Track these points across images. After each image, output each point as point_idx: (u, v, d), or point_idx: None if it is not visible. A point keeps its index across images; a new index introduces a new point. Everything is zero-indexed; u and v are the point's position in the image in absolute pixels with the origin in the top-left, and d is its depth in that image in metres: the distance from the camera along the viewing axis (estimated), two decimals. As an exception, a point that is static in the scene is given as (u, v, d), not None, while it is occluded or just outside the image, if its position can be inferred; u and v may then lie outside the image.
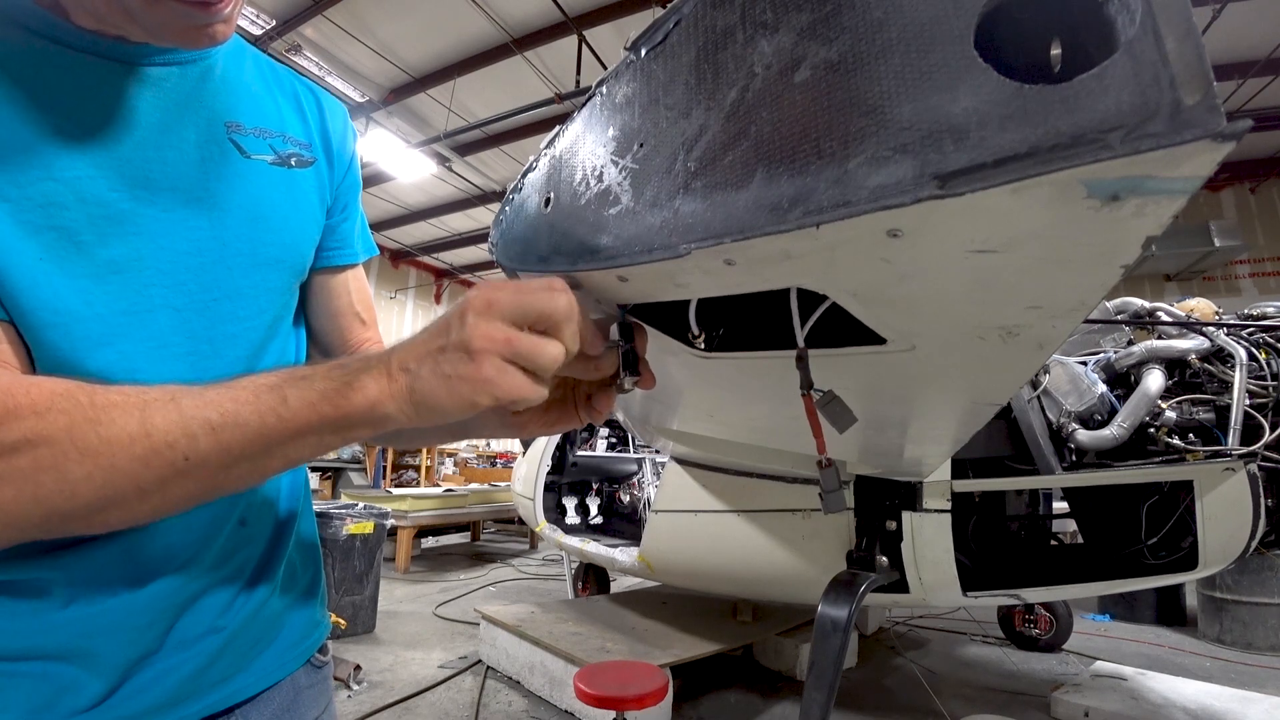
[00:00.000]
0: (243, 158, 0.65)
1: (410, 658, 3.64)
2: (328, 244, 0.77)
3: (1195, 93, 0.26)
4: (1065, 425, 2.33)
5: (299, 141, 0.71)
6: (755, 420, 1.50)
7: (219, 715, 0.63)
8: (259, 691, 0.67)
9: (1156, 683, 3.14)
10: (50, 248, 0.52)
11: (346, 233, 0.80)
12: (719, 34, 0.43)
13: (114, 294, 0.55)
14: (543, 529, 4.32)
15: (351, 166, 0.80)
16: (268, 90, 0.71)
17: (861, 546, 2.19)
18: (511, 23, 7.33)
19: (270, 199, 0.67)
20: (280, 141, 0.69)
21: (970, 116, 0.31)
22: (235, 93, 0.66)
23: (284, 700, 0.70)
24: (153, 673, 0.58)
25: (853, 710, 3.03)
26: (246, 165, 0.65)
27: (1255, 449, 2.08)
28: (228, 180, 0.63)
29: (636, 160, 0.48)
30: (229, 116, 0.65)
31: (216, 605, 0.63)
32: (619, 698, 1.91)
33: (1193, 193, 0.31)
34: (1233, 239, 8.94)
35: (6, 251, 0.50)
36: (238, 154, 0.65)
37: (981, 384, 0.83)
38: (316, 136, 0.74)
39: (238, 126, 0.65)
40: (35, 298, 0.51)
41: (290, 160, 0.70)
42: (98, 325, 0.54)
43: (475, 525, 7.92)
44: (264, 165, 0.67)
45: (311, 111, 0.76)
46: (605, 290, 0.56)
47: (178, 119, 0.60)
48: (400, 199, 11.81)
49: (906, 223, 0.36)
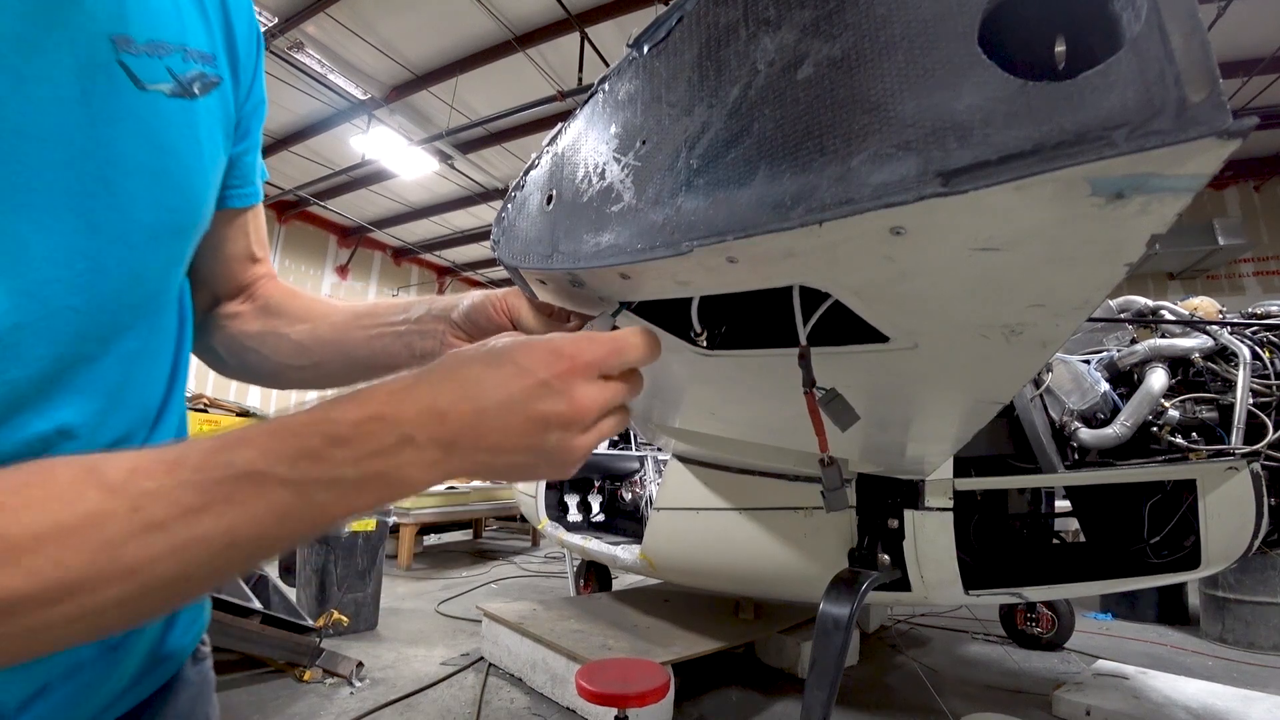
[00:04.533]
0: (136, 90, 0.48)
1: (412, 655, 3.65)
2: (229, 181, 0.64)
3: (1201, 90, 0.26)
4: (1068, 424, 2.32)
5: (201, 54, 0.54)
6: (757, 418, 1.50)
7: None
8: (148, 696, 0.61)
9: (1158, 681, 3.13)
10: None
11: (249, 166, 0.67)
12: (722, 31, 0.42)
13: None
14: (545, 526, 4.33)
15: (257, 77, 0.65)
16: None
17: (863, 544, 2.19)
18: (514, 20, 7.32)
19: (173, 145, 0.51)
20: (180, 60, 0.52)
21: (974, 114, 0.31)
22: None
23: (176, 701, 0.64)
24: (46, 706, 0.49)
25: (854, 708, 3.03)
26: (141, 101, 0.49)
27: (1258, 448, 2.08)
28: (120, 125, 0.47)
29: (639, 158, 0.48)
30: (114, 28, 0.47)
31: None
32: (621, 695, 1.92)
33: (1198, 190, 0.31)
34: (1237, 237, 8.91)
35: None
36: (130, 84, 0.48)
37: (984, 382, 0.82)
38: (220, 41, 0.58)
39: (127, 42, 0.47)
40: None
41: (193, 87, 0.53)
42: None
43: (477, 522, 7.93)
44: (161, 98, 0.50)
45: (213, 1, 0.58)
46: (607, 288, 0.56)
47: (46, 35, 0.42)
48: (402, 196, 11.81)
49: (910, 220, 0.36)
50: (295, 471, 0.36)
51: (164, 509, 0.33)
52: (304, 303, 0.77)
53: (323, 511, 0.37)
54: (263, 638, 3.03)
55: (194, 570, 0.34)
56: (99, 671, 0.54)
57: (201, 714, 0.68)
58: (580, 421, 0.42)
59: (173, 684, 0.64)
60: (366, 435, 0.38)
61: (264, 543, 0.36)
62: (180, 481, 0.34)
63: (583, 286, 0.57)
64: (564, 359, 0.42)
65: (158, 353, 0.58)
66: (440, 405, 0.40)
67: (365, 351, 0.72)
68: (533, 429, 0.41)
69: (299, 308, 0.76)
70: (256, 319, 0.75)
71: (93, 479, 0.33)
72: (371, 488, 0.38)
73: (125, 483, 0.33)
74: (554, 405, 0.41)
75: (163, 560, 0.33)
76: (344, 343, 0.73)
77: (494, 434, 0.40)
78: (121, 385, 0.52)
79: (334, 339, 0.73)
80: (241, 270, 0.74)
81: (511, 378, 0.41)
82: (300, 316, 0.75)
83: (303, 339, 0.73)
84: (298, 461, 0.36)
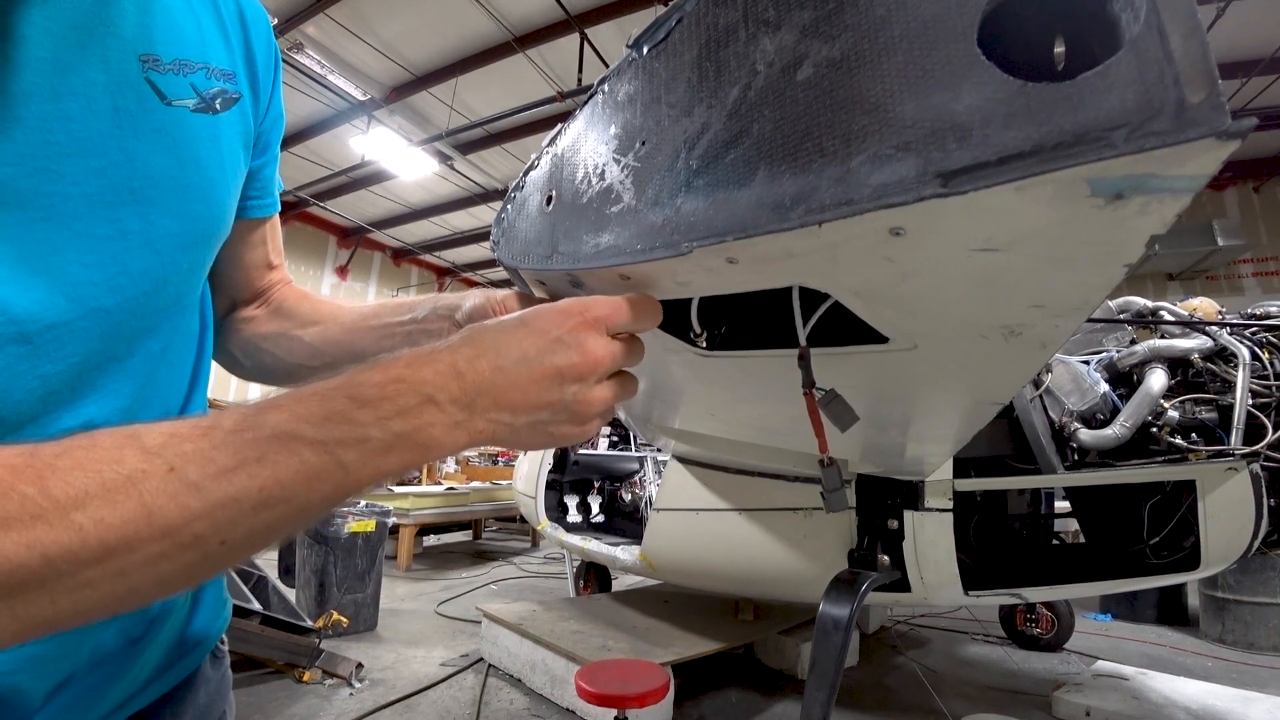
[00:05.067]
0: (163, 106, 0.51)
1: (412, 656, 3.65)
2: (248, 192, 0.67)
3: (1200, 91, 0.26)
4: (1067, 424, 2.32)
5: (223, 72, 0.58)
6: (757, 419, 1.50)
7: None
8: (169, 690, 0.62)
9: (1158, 682, 3.13)
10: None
11: (268, 179, 0.70)
12: (721, 32, 0.42)
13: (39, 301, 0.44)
14: (544, 527, 4.33)
15: (275, 94, 0.68)
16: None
17: (863, 545, 2.19)
18: (513, 21, 7.33)
19: (196, 157, 0.54)
20: (203, 77, 0.55)
21: (973, 114, 0.31)
22: (147, 10, 0.51)
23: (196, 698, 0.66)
24: (69, 696, 0.52)
25: (854, 709, 3.03)
26: (168, 117, 0.52)
27: (1258, 449, 2.08)
28: (148, 138, 0.50)
29: (638, 158, 0.48)
30: (143, 48, 0.50)
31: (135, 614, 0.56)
32: (620, 696, 1.91)
33: (1197, 191, 0.31)
34: (1236, 238, 8.92)
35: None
36: (157, 101, 0.51)
37: (984, 383, 0.82)
38: (240, 60, 0.61)
39: (154, 61, 0.51)
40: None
41: (215, 103, 0.56)
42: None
43: (477, 523, 7.92)
44: (186, 114, 0.53)
45: (233, 23, 0.61)
46: (607, 289, 0.56)
47: (80, 54, 0.46)
48: (402, 197, 11.81)
49: (909, 221, 0.36)
50: (322, 432, 0.37)
51: (198, 469, 0.34)
52: (314, 305, 0.80)
53: (350, 473, 0.38)
54: (262, 638, 3.02)
55: (226, 531, 0.35)
56: (121, 663, 0.55)
57: (218, 711, 0.70)
58: (595, 371, 0.44)
59: (193, 680, 0.66)
60: (390, 397, 0.39)
61: (296, 503, 0.36)
62: (215, 443, 0.35)
63: (582, 287, 0.57)
64: (572, 316, 0.45)
65: (181, 354, 0.60)
66: (459, 366, 0.41)
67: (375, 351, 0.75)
68: (550, 382, 0.43)
69: (309, 310, 0.79)
70: (270, 322, 0.78)
71: (132, 443, 0.34)
72: (398, 449, 0.39)
73: (163, 446, 0.34)
74: (568, 357, 0.43)
75: (197, 520, 0.34)
76: (354, 344, 0.75)
77: (513, 390, 0.42)
78: (146, 385, 0.54)
79: (344, 340, 0.76)
80: (259, 277, 0.78)
81: (525, 337, 0.43)
82: (311, 319, 0.78)
83: (314, 341, 0.76)
84: (324, 423, 0.37)
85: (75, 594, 0.31)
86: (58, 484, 0.31)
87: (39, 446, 0.33)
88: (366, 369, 0.41)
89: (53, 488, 0.31)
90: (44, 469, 0.31)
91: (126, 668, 0.56)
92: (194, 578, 0.36)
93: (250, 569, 3.64)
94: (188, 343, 0.61)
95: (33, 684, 0.48)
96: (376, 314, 0.76)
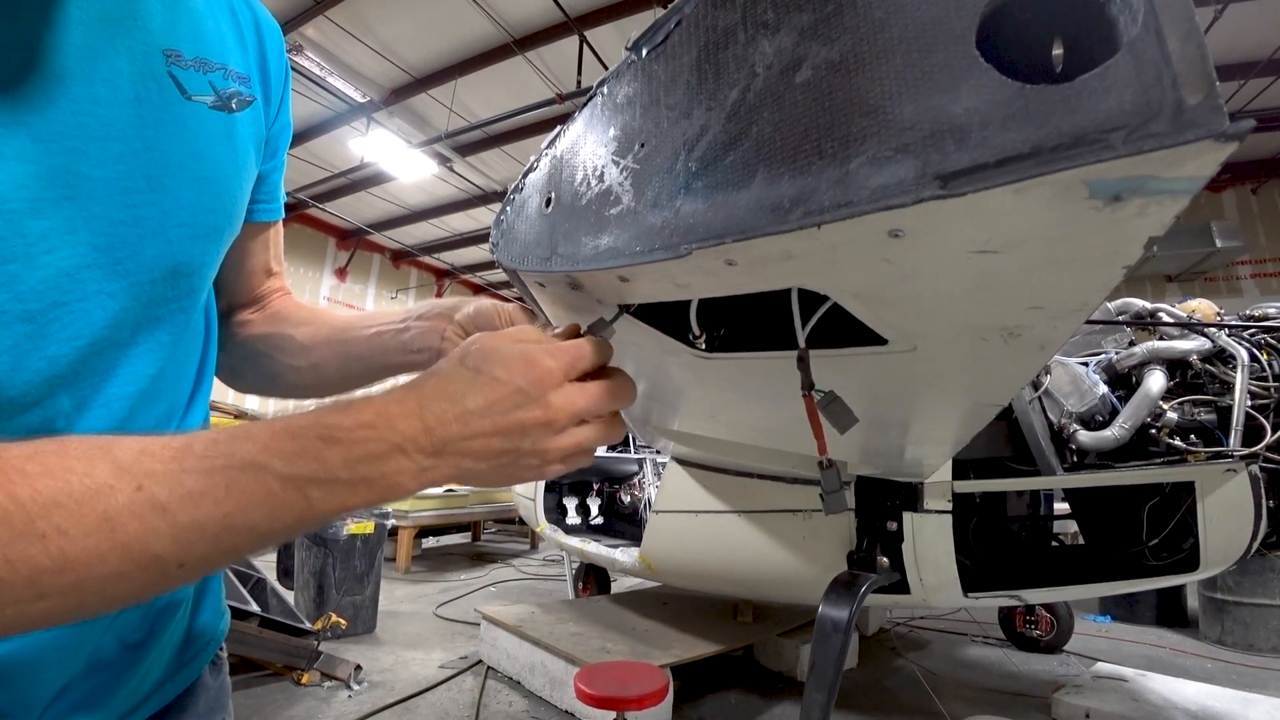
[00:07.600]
0: (183, 99, 0.53)
1: (411, 658, 3.64)
2: (256, 196, 0.68)
3: (1198, 93, 0.26)
4: (1066, 426, 2.32)
5: (239, 75, 0.60)
6: (756, 421, 1.50)
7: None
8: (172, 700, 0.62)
9: (1157, 684, 3.13)
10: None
11: (274, 184, 0.72)
12: (720, 34, 0.43)
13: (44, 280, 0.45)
14: (543, 529, 4.32)
15: (285, 102, 0.70)
16: (206, 4, 0.58)
17: (862, 547, 2.19)
18: (512, 23, 7.33)
19: (212, 154, 0.56)
20: (221, 77, 0.57)
21: (972, 116, 0.31)
22: (173, 8, 0.53)
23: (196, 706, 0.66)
24: (68, 701, 0.51)
25: (853, 711, 3.03)
26: (187, 110, 0.53)
27: (1257, 450, 2.08)
28: (167, 129, 0.51)
29: (637, 160, 0.48)
30: (167, 43, 0.52)
31: (133, 620, 0.57)
32: (619, 698, 1.91)
33: (1195, 193, 0.31)
34: (1234, 240, 8.92)
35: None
36: (177, 94, 0.52)
37: (983, 385, 0.82)
38: (255, 67, 0.63)
39: (177, 56, 0.52)
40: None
41: (231, 102, 0.58)
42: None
43: (476, 525, 7.91)
44: (204, 109, 0.55)
45: (249, 32, 0.64)
46: (606, 290, 0.56)
47: (109, 43, 0.48)
48: (401, 199, 11.81)
49: (908, 223, 0.36)
50: (291, 467, 0.38)
51: (167, 490, 0.34)
52: (310, 310, 0.81)
53: (314, 507, 0.39)
54: (261, 641, 3.01)
55: (188, 553, 0.35)
56: (120, 670, 0.55)
57: (218, 719, 0.70)
58: (554, 424, 0.45)
59: (193, 689, 0.66)
60: (359, 441, 0.40)
61: (258, 532, 0.37)
62: (185, 467, 0.36)
63: (581, 289, 0.57)
64: (536, 365, 0.46)
65: (188, 350, 0.60)
66: (428, 421, 0.42)
67: (364, 349, 0.75)
68: (511, 434, 0.44)
69: (305, 314, 0.80)
70: (264, 324, 0.79)
71: (103, 455, 0.34)
72: (363, 490, 0.40)
73: (133, 462, 0.35)
74: (529, 412, 0.44)
75: (159, 539, 0.34)
76: (345, 341, 0.76)
77: (477, 440, 0.43)
78: (152, 376, 0.54)
79: (335, 337, 0.76)
80: (259, 281, 0.79)
81: (491, 387, 0.44)
82: (305, 321, 0.78)
83: (304, 338, 0.76)
84: (294, 459, 0.38)
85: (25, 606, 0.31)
86: (24, 488, 0.31)
87: (6, 447, 0.33)
88: (339, 410, 0.42)
89: (20, 492, 0.31)
90: (11, 472, 0.31)
91: (126, 676, 0.56)
92: (145, 597, 0.37)
93: (249, 571, 3.64)
94: (194, 339, 0.61)
95: (31, 692, 0.48)
96: (373, 316, 0.77)
